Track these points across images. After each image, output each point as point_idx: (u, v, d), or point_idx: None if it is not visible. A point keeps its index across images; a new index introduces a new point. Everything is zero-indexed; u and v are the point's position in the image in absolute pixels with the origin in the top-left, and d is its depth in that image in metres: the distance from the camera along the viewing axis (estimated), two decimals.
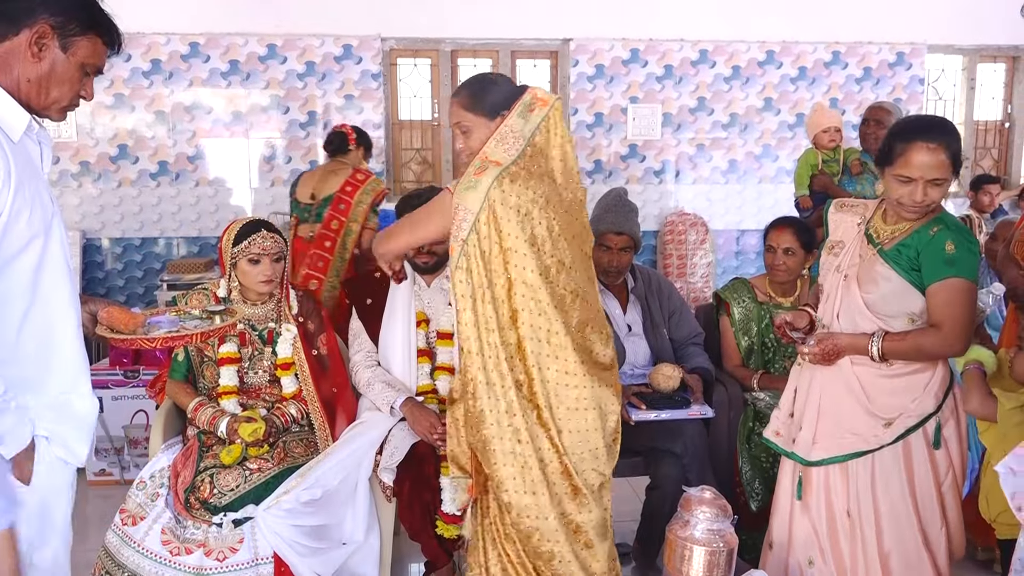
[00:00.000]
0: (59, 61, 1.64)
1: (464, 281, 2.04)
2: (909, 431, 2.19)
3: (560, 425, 2.08)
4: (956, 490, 2.25)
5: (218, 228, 5.33)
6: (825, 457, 2.25)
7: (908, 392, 2.20)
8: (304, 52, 5.40)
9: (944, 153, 2.08)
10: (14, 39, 1.60)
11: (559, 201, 2.11)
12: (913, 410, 2.19)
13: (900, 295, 2.16)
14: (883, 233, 2.22)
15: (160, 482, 2.57)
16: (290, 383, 2.72)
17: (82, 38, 1.65)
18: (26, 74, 1.63)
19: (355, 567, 2.62)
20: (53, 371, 1.70)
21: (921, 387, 2.19)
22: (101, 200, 5.38)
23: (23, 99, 1.65)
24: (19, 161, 1.60)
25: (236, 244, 2.66)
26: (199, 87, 5.36)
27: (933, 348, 2.13)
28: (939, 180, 2.10)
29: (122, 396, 3.78)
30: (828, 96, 5.82)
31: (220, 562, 2.37)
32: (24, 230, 1.61)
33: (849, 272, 2.25)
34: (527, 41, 5.67)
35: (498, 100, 2.13)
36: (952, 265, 2.09)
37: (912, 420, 2.19)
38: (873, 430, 2.20)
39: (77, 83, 1.69)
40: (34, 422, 1.65)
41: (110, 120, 5.32)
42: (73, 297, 1.74)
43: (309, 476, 2.50)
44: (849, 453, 2.22)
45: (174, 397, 2.77)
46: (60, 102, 1.69)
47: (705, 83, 5.77)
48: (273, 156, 5.48)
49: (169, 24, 5.25)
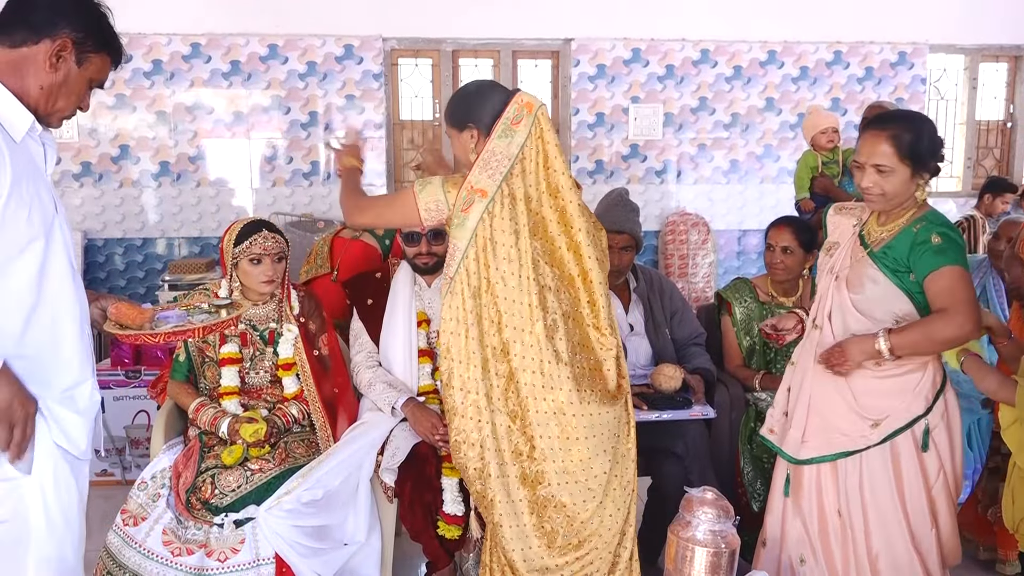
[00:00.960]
0: (72, 73, 1.72)
1: (450, 319, 2.15)
2: (896, 432, 2.18)
3: (553, 456, 2.15)
4: (948, 494, 2.24)
5: (219, 228, 5.33)
6: (814, 456, 2.26)
7: (897, 394, 2.19)
8: (305, 52, 5.40)
9: (888, 142, 2.11)
10: (32, 47, 1.68)
11: (545, 221, 2.16)
12: (901, 412, 2.19)
13: (887, 297, 2.17)
14: (874, 235, 2.23)
15: (161, 482, 2.56)
16: (291, 383, 2.72)
17: (96, 55, 1.74)
18: (40, 81, 1.69)
19: (356, 568, 2.61)
20: (59, 368, 1.72)
21: (910, 389, 2.19)
22: (103, 200, 5.38)
23: (30, 104, 1.70)
24: (19, 161, 1.62)
25: (237, 244, 2.66)
26: (200, 87, 5.36)
27: (944, 332, 2.10)
28: (883, 167, 2.12)
29: (123, 396, 3.78)
30: (830, 96, 5.82)
31: (221, 563, 2.36)
32: (23, 231, 1.62)
33: (841, 273, 2.26)
34: (528, 41, 5.67)
35: (462, 112, 2.18)
36: (943, 254, 2.10)
37: (900, 422, 2.19)
38: (861, 431, 2.20)
39: (82, 95, 1.78)
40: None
41: (112, 120, 5.32)
42: (79, 296, 1.77)
43: (310, 477, 2.49)
44: (837, 453, 2.22)
45: (175, 398, 2.77)
46: (63, 112, 1.76)
47: (707, 83, 5.76)
48: (274, 156, 5.48)
49: (171, 25, 5.25)
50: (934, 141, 2.16)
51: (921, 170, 2.14)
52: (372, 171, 5.54)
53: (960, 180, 6.28)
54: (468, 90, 2.26)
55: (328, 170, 5.47)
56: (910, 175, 2.14)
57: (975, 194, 5.59)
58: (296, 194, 5.51)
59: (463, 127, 2.17)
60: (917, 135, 2.12)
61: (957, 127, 6.27)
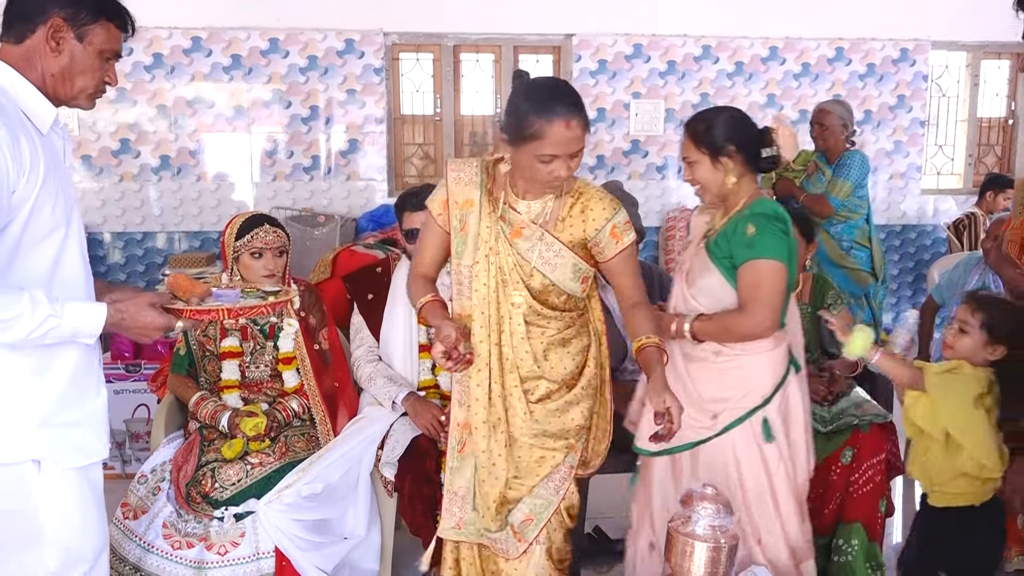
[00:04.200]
0: (77, 51, 1.70)
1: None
2: (733, 424, 2.20)
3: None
4: (789, 485, 2.24)
5: (219, 223, 5.32)
6: (673, 446, 2.15)
7: (734, 386, 2.21)
8: (306, 47, 5.39)
9: (686, 135, 2.26)
10: (33, 37, 1.68)
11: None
12: (738, 403, 2.20)
13: (717, 288, 2.21)
14: (716, 228, 2.27)
15: (161, 476, 2.57)
16: (292, 377, 2.72)
17: (95, 25, 1.71)
18: (49, 69, 1.70)
19: (356, 561, 2.62)
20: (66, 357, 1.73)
21: (748, 380, 2.21)
22: (103, 194, 5.38)
23: (50, 93, 1.71)
24: (47, 153, 1.66)
25: (239, 238, 2.66)
26: (201, 81, 5.35)
27: (740, 327, 2.16)
28: (687, 158, 2.26)
29: (123, 390, 3.78)
30: (831, 92, 5.80)
31: (221, 556, 2.37)
32: (47, 220, 1.66)
33: (683, 267, 2.32)
34: (530, 36, 5.66)
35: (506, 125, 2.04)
36: (752, 247, 2.13)
37: (737, 412, 2.20)
38: (701, 421, 2.21)
39: (99, 70, 1.75)
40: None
41: (112, 114, 5.31)
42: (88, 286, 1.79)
43: (311, 470, 2.50)
44: (682, 444, 2.18)
45: (176, 391, 2.77)
46: (86, 90, 1.75)
47: (708, 79, 5.75)
48: (275, 151, 5.48)
49: (171, 18, 5.23)
50: (731, 128, 2.20)
51: (719, 155, 2.19)
52: (372, 166, 5.53)
53: (961, 177, 6.27)
54: (516, 96, 2.04)
55: (329, 165, 5.47)
56: (710, 162, 2.20)
57: (976, 191, 5.59)
58: (297, 188, 5.50)
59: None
60: (709, 124, 2.21)
61: (959, 124, 6.26)
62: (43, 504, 1.71)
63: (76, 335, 1.64)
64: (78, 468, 1.75)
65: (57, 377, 1.71)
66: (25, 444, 1.69)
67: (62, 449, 1.72)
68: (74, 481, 1.75)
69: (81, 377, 1.76)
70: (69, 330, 1.62)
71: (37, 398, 1.70)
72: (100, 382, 1.83)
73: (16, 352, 1.64)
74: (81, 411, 1.77)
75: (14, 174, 1.57)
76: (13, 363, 1.66)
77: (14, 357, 1.65)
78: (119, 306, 1.70)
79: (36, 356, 1.67)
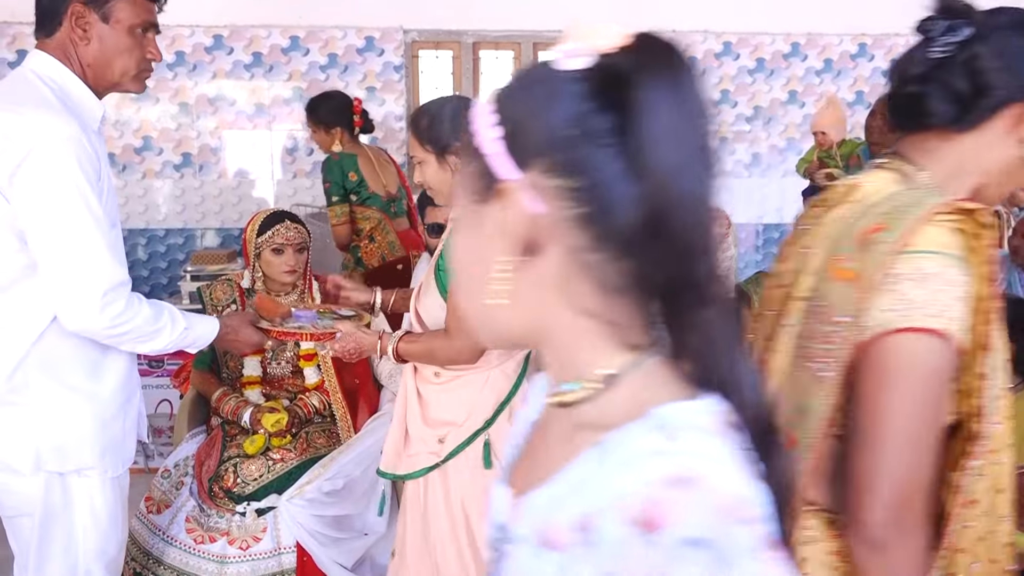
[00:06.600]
0: (106, 33, 1.63)
1: None
2: (459, 448, 1.93)
3: None
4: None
5: (241, 219, 5.36)
6: (411, 471, 1.99)
7: (458, 407, 1.95)
8: (326, 44, 5.41)
9: (411, 132, 1.94)
10: (61, 30, 1.63)
11: None
12: (462, 425, 1.95)
13: (435, 307, 1.95)
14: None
15: (185, 471, 2.59)
16: (313, 374, 2.74)
17: (116, 1, 1.63)
18: (84, 59, 1.64)
19: (376, 557, 2.63)
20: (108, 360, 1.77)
21: (469, 402, 1.94)
22: (126, 191, 5.42)
23: (92, 84, 1.66)
24: (102, 149, 1.68)
25: (260, 234, 2.67)
26: (222, 79, 5.38)
27: (445, 353, 1.89)
28: (414, 158, 1.94)
29: (147, 386, 3.76)
30: (854, 89, 5.75)
31: (243, 551, 2.39)
32: (111, 216, 1.68)
33: (419, 283, 2.08)
34: (550, 33, 5.65)
35: None
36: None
37: (462, 435, 1.94)
38: (430, 447, 1.96)
39: (136, 47, 1.67)
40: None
41: (135, 112, 5.36)
42: None
43: (331, 467, 2.51)
44: (421, 469, 1.97)
45: (199, 386, 2.80)
46: (128, 72, 1.69)
47: (729, 75, 5.71)
48: (295, 148, 5.50)
49: (193, 16, 5.27)
50: (458, 121, 1.83)
51: (445, 153, 1.87)
52: None
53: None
54: None
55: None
56: (436, 162, 1.88)
57: None
58: (316, 186, 5.51)
59: None
60: (432, 119, 1.88)
61: None
62: (79, 509, 1.73)
63: (194, 344, 1.77)
64: (115, 476, 1.78)
65: (109, 378, 1.74)
66: (75, 454, 1.70)
67: (109, 459, 1.75)
68: (109, 486, 1.77)
69: (127, 379, 1.79)
70: (191, 339, 1.74)
71: (92, 400, 1.71)
72: (138, 383, 1.87)
73: (77, 350, 1.65)
74: (128, 418, 1.80)
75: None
76: (73, 363, 1.66)
77: (75, 355, 1.66)
78: (225, 321, 1.85)
79: (91, 357, 1.69)
